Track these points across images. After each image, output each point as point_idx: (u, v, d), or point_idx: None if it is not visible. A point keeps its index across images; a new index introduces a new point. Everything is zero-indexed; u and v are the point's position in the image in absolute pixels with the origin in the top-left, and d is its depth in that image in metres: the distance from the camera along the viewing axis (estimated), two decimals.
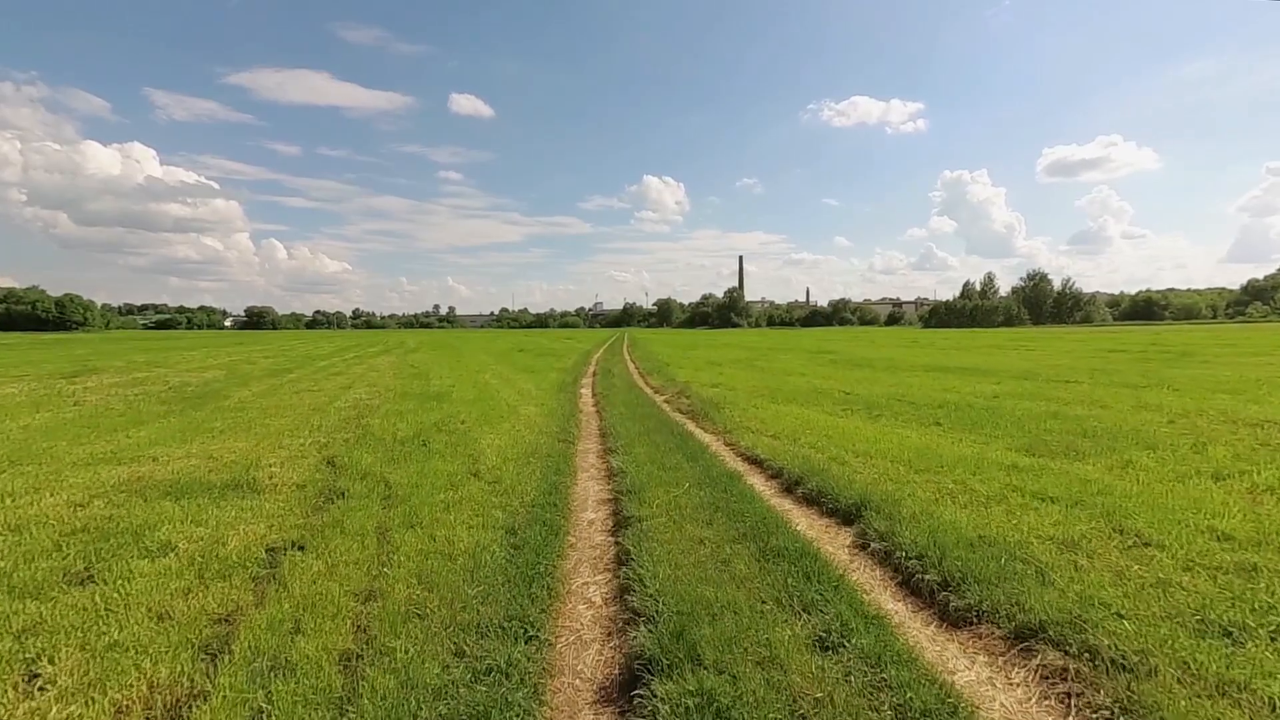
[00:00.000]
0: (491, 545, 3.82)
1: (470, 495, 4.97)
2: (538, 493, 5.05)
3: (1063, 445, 6.92)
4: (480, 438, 7.61)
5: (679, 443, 7.23)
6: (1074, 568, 3.34)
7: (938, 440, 7.47)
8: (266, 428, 8.88)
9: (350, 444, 7.38)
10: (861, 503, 4.56)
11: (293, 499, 5.06)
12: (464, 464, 6.13)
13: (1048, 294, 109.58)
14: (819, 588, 3.12)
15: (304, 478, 5.74)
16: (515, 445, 7.16)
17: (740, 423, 8.90)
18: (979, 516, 4.24)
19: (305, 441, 7.76)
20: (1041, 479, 5.33)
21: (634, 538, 3.93)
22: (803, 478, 5.46)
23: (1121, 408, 9.81)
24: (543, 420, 9.08)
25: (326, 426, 8.86)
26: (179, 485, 5.54)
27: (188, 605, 3.13)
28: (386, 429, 8.29)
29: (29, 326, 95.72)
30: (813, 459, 6.16)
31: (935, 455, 6.35)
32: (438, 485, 5.26)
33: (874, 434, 7.84)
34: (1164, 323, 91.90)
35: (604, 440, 7.88)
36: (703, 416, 9.80)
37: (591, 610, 3.19)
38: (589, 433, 8.60)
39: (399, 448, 7.05)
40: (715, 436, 8.23)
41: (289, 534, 4.18)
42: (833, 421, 8.93)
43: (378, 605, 3.05)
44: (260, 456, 6.90)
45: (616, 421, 8.94)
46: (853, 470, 5.79)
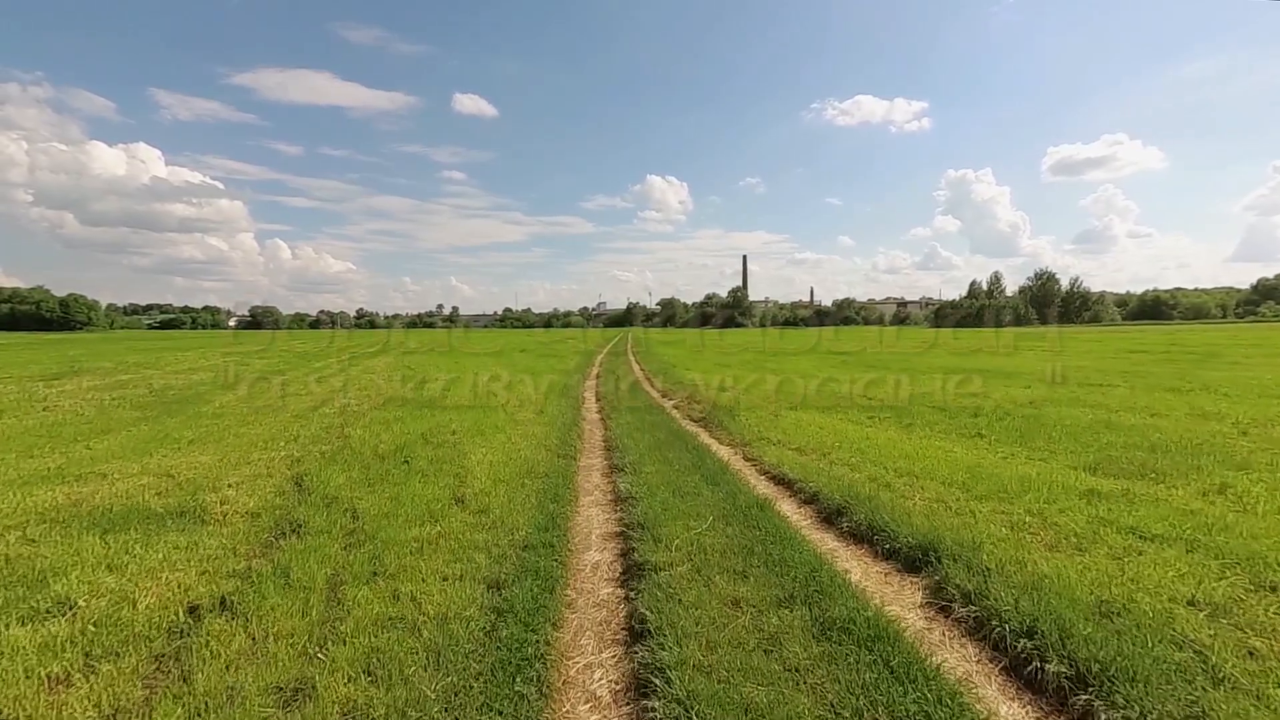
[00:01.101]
0: (469, 608, 2.98)
1: (450, 531, 4.13)
2: (531, 527, 4.21)
3: (1134, 463, 6.03)
4: (470, 452, 6.78)
5: (694, 459, 6.38)
6: (1247, 653, 2.48)
7: (987, 456, 6.60)
8: (240, 438, 8.08)
9: (325, 459, 6.57)
10: (928, 545, 3.71)
11: (240, 533, 4.24)
12: (448, 486, 5.30)
13: (1055, 293, 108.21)
14: (908, 688, 2.27)
15: (261, 503, 4.92)
16: (509, 462, 6.33)
17: (760, 433, 8.04)
18: (1083, 567, 3.38)
19: (277, 455, 6.95)
20: (1134, 510, 4.46)
21: (651, 596, 3.08)
22: (845, 506, 4.60)
23: (1177, 416, 8.91)
24: (542, 430, 8.25)
25: (305, 437, 8.05)
26: (116, 513, 4.73)
27: (43, 708, 2.30)
28: (368, 440, 7.47)
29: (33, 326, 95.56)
30: (852, 481, 5.30)
31: (993, 476, 5.48)
32: (413, 516, 4.42)
33: (913, 448, 6.98)
34: (1173, 322, 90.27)
35: (609, 454, 7.04)
36: (717, 425, 8.95)
37: (597, 715, 2.35)
38: (593, 445, 7.76)
39: (378, 464, 6.23)
40: (733, 450, 7.37)
41: (221, 585, 3.36)
42: (862, 432, 8.07)
43: (302, 713, 2.22)
44: (222, 474, 6.09)
45: (623, 432, 8.10)
46: (902, 496, 4.94)
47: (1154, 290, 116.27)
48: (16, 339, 52.62)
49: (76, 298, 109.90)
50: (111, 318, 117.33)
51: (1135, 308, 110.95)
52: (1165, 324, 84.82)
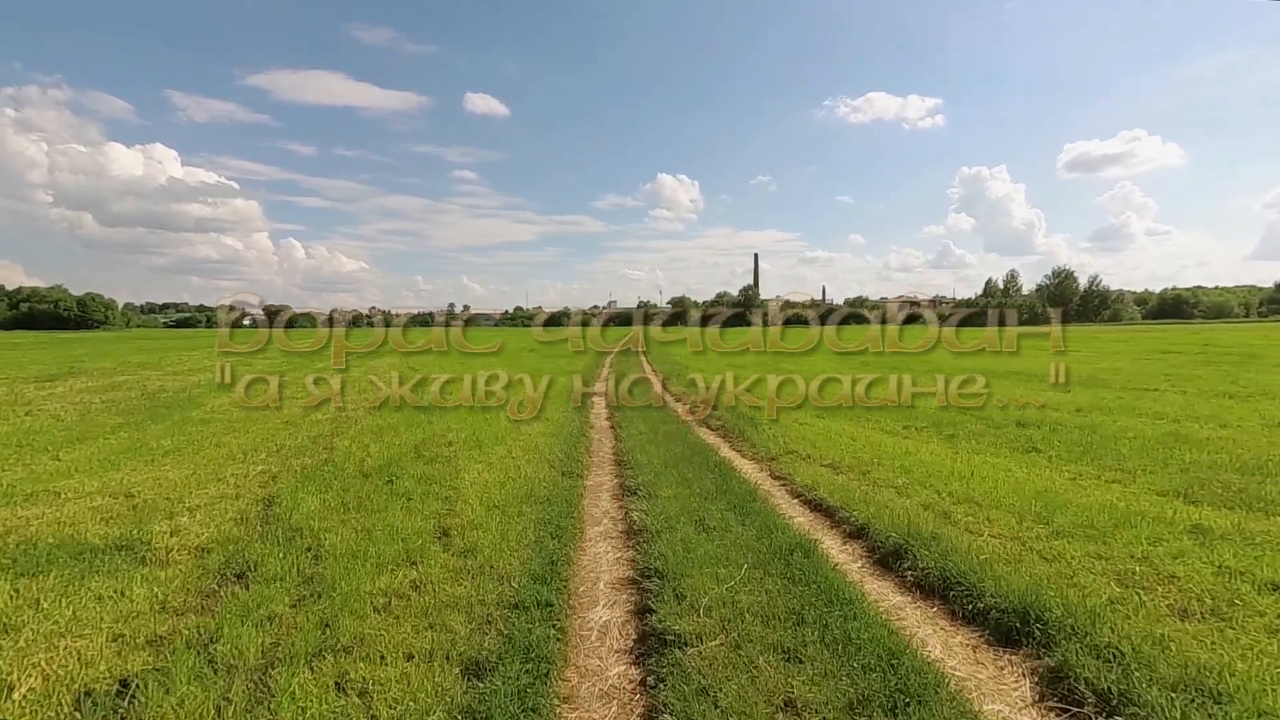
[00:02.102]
0: (433, 712, 2.24)
1: (428, 579, 3.40)
2: (526, 575, 3.47)
3: (1231, 489, 5.17)
4: (465, 469, 6.06)
5: (717, 480, 5.61)
6: None
7: (1053, 478, 5.76)
8: (220, 448, 7.44)
9: (304, 476, 5.89)
10: (1024, 608, 2.92)
11: (180, 578, 3.55)
12: (434, 515, 4.58)
13: (1073, 291, 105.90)
14: None
15: (217, 534, 4.23)
16: (508, 482, 5.60)
17: (786, 445, 7.26)
18: (1244, 650, 2.57)
19: (253, 470, 6.29)
20: (1262, 556, 3.63)
21: (676, 691, 2.33)
22: (905, 546, 3.81)
23: (1250, 427, 7.98)
24: (546, 441, 7.52)
25: (289, 447, 7.40)
26: (45, 547, 4.06)
27: None
28: (355, 454, 6.79)
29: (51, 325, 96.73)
30: (905, 512, 4.50)
31: (1071, 506, 4.66)
32: (386, 557, 3.70)
33: (962, 466, 6.16)
34: (1195, 322, 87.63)
35: (620, 471, 6.29)
36: (738, 436, 8.17)
37: None
38: (602, 459, 7.02)
39: (359, 485, 5.53)
40: (759, 466, 6.59)
41: (130, 659, 2.65)
42: (900, 445, 7.25)
43: None
44: (186, 493, 5.43)
45: (635, 445, 7.34)
46: (969, 532, 4.14)
47: (1174, 288, 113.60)
48: (29, 338, 52.96)
49: (94, 297, 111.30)
50: (128, 316, 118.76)
51: (1155, 306, 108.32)
52: (1188, 323, 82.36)
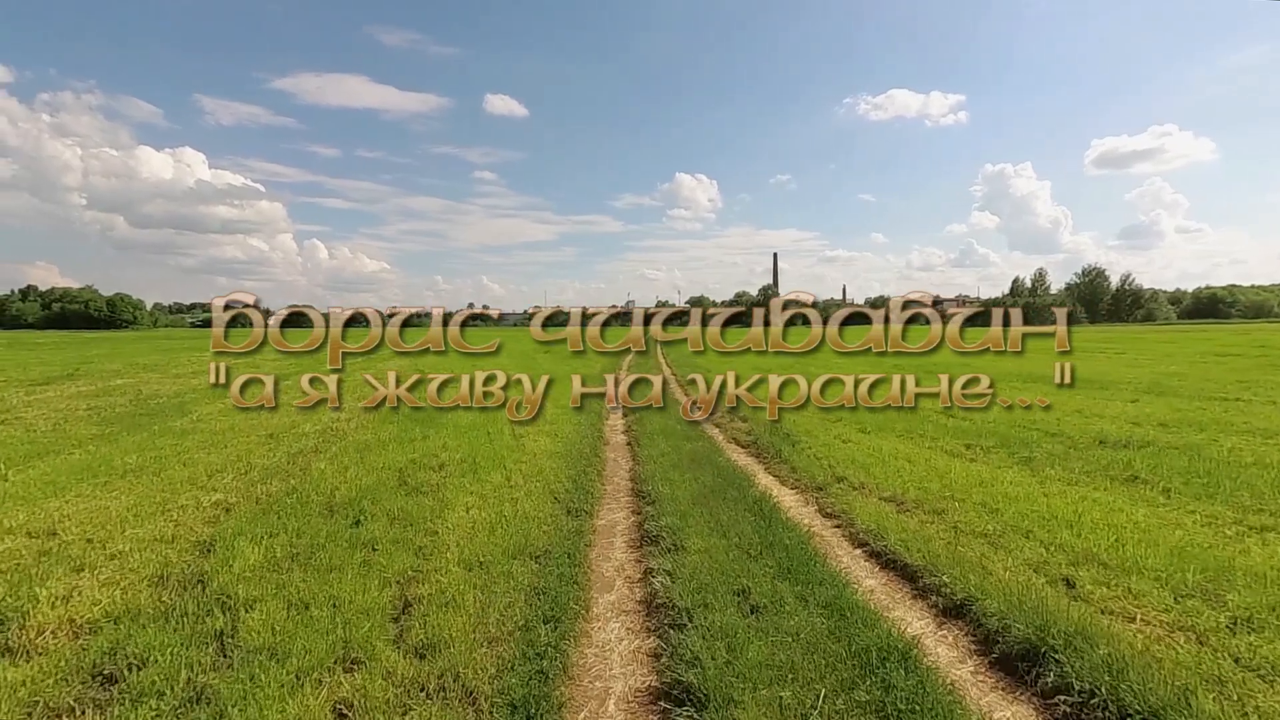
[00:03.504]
0: None
1: (360, 705, 2.36)
2: (503, 701, 2.40)
3: None
4: (453, 502, 5.05)
5: (759, 525, 4.49)
6: None
7: (1182, 522, 4.55)
8: (185, 468, 6.56)
9: (262, 509, 4.94)
10: None
11: (30, 682, 2.57)
12: (397, 577, 3.55)
13: (1105, 291, 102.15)
14: None
15: (114, 604, 3.26)
16: (499, 523, 4.56)
17: (833, 469, 6.15)
18: None
19: (207, 500, 5.36)
20: None
21: None
22: (1037, 649, 2.69)
23: None
24: (552, 464, 6.49)
25: (260, 468, 6.48)
26: None
27: None
28: (329, 479, 5.83)
29: (81, 325, 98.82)
30: (1013, 578, 3.37)
31: (1235, 572, 3.47)
32: (313, 658, 2.66)
33: (1061, 504, 4.97)
34: (1234, 321, 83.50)
35: (638, 506, 5.22)
36: (774, 456, 7.07)
37: None
38: (617, 488, 5.96)
39: (321, 525, 4.54)
40: (804, 498, 5.48)
41: None
42: (969, 471, 6.07)
43: None
44: (115, 533, 4.50)
45: (656, 470, 6.25)
46: (1115, 619, 2.99)
47: (1209, 287, 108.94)
48: (54, 337, 53.66)
49: (122, 297, 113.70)
50: (155, 316, 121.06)
51: (1190, 305, 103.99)
52: (1226, 323, 78.49)
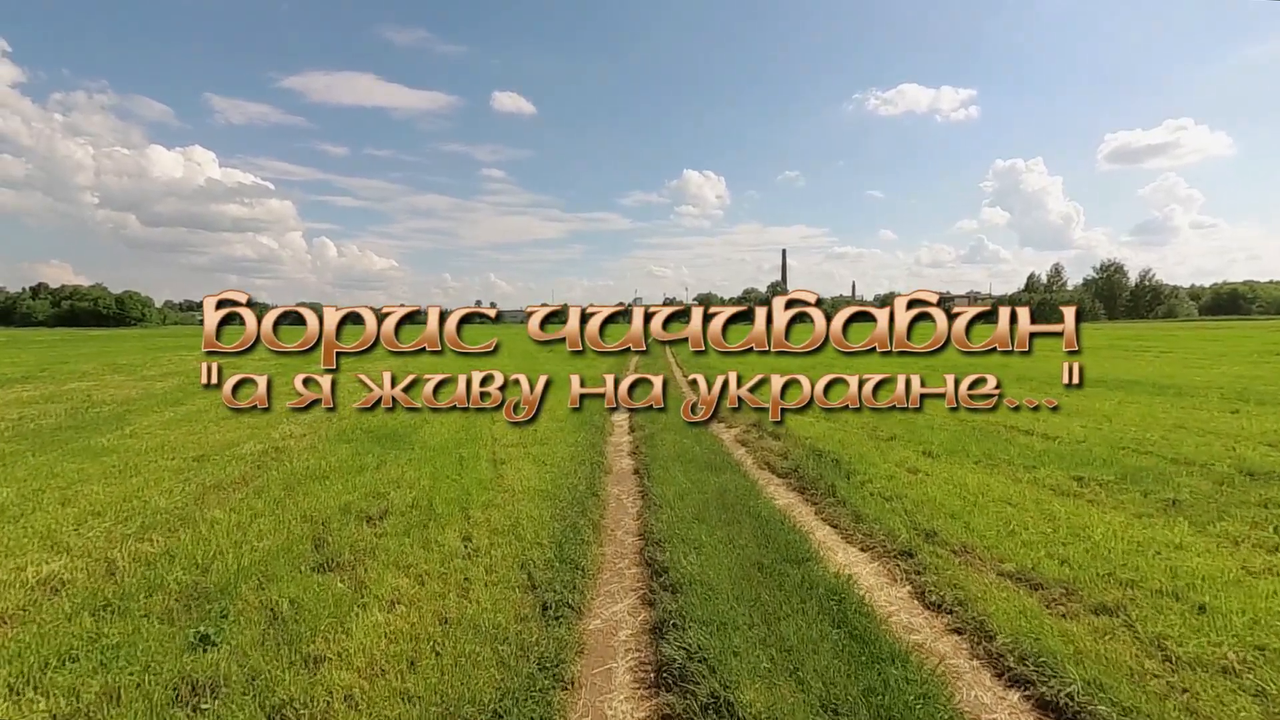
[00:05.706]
0: None
1: None
2: None
3: None
4: (374, 592, 3.41)
5: (842, 646, 2.80)
6: None
7: None
8: (60, 507, 5.00)
9: (90, 600, 3.34)
10: None
11: None
12: None
13: (1123, 287, 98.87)
14: None
15: None
16: (430, 650, 2.90)
17: (913, 518, 4.48)
18: None
19: (45, 569, 3.77)
20: None
21: None
22: None
23: None
24: (535, 511, 4.84)
25: (150, 511, 4.90)
26: None
27: None
28: (219, 539, 4.21)
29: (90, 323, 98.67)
30: None
31: None
32: None
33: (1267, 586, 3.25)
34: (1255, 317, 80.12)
35: (651, 591, 3.56)
36: (826, 494, 5.41)
37: None
38: (619, 550, 4.29)
39: (150, 641, 2.92)
40: (888, 571, 3.79)
41: None
42: (1113, 525, 4.34)
43: None
44: None
45: (674, 520, 4.57)
46: None
47: (1227, 283, 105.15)
48: (53, 335, 52.85)
49: (132, 295, 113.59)
50: (164, 314, 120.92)
51: (1209, 301, 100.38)
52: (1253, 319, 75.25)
